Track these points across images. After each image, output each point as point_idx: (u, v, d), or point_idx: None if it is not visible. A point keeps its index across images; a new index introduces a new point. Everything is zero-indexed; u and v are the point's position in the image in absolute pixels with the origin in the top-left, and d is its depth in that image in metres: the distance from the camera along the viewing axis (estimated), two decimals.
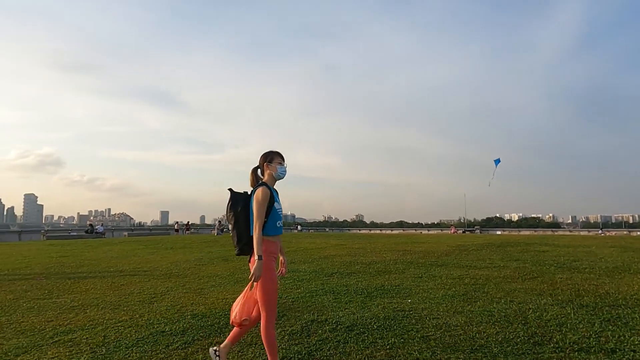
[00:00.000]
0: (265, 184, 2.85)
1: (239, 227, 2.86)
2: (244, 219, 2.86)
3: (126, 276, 7.56)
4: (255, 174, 3.01)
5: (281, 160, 2.99)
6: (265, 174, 2.96)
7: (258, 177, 3.00)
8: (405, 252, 11.44)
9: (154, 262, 9.74)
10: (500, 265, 8.34)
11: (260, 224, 2.72)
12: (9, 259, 11.26)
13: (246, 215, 2.86)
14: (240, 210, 2.87)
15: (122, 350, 3.41)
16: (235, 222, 2.86)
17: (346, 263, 8.99)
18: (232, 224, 2.88)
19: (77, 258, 11.09)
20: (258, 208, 2.73)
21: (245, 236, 2.84)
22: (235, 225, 2.87)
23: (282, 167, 2.97)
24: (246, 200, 2.91)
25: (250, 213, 2.83)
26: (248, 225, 2.84)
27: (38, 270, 8.73)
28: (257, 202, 2.74)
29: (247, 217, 2.85)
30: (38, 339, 3.77)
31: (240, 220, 2.85)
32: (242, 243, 2.85)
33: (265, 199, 2.76)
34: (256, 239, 2.69)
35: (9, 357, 3.33)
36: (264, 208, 2.75)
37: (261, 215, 2.73)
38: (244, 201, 2.90)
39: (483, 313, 4.38)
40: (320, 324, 4.03)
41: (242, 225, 2.85)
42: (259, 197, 2.75)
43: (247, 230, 2.84)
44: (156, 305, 5.03)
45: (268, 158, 2.97)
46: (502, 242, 15.73)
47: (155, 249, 13.81)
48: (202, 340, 3.64)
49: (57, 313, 4.75)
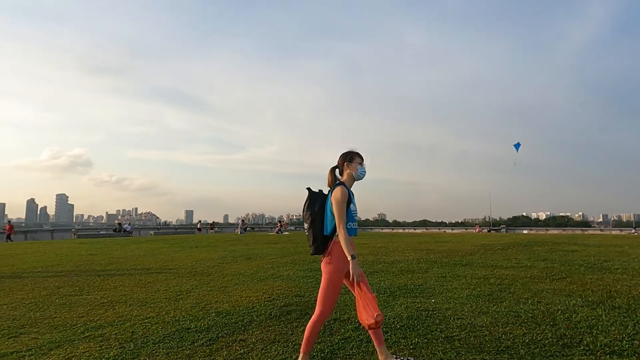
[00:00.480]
0: (342, 184, 2.82)
1: (315, 227, 2.82)
2: (320, 218, 2.83)
3: (153, 274, 7.74)
4: (334, 174, 2.97)
5: (361, 161, 2.95)
6: (345, 173, 2.93)
7: (336, 177, 2.97)
8: (429, 251, 11.30)
9: (179, 261, 9.93)
10: (527, 265, 8.14)
11: (344, 224, 2.68)
12: (42, 256, 11.71)
13: (322, 215, 2.83)
14: (317, 210, 2.84)
15: (150, 346, 3.49)
16: (312, 222, 2.83)
17: (369, 262, 8.95)
18: (309, 223, 2.85)
19: (106, 256, 11.43)
20: (339, 208, 2.70)
21: (320, 236, 2.80)
22: (311, 225, 2.83)
23: (362, 167, 2.94)
24: (323, 200, 2.88)
25: (326, 213, 2.81)
26: (323, 225, 2.81)
27: (69, 267, 9.04)
28: (337, 201, 2.71)
29: (323, 217, 2.82)
30: (70, 334, 3.90)
31: (317, 220, 2.82)
32: (317, 243, 2.81)
33: (344, 198, 2.73)
34: (344, 239, 2.65)
35: (43, 351, 3.46)
36: (344, 207, 2.72)
37: (343, 215, 2.69)
38: (320, 201, 2.87)
39: (509, 314, 4.29)
40: (342, 323, 4.03)
41: (318, 225, 2.82)
42: (338, 196, 2.72)
43: (322, 230, 2.81)
44: (182, 303, 5.13)
45: (348, 157, 2.94)
46: (528, 241, 15.34)
47: (181, 247, 14.09)
48: (226, 337, 3.69)
49: (87, 309, 4.91)
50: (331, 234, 2.78)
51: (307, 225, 2.86)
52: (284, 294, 5.44)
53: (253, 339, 3.60)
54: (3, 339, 3.82)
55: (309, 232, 2.85)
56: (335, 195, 2.74)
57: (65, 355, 3.33)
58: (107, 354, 3.32)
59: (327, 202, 2.82)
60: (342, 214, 2.69)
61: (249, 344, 3.49)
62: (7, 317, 4.63)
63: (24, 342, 3.71)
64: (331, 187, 2.89)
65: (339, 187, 2.78)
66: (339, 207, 2.70)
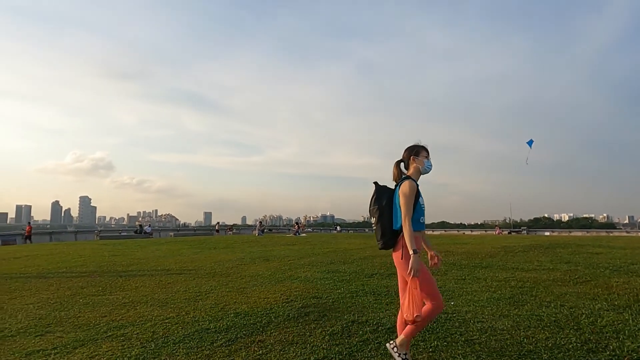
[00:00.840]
0: (410, 178, 2.81)
1: (383, 221, 2.82)
2: (388, 213, 2.82)
3: (173, 275, 7.86)
4: (399, 168, 2.96)
5: (427, 154, 2.94)
6: (411, 167, 2.92)
7: (402, 171, 2.95)
8: (448, 253, 11.15)
9: (199, 262, 10.05)
10: (549, 268, 7.95)
11: (410, 218, 2.67)
12: (66, 257, 12.01)
13: (390, 209, 2.82)
14: (385, 204, 2.83)
15: (170, 346, 3.55)
16: (380, 216, 2.82)
17: (386, 264, 8.88)
18: (376, 217, 2.84)
19: (128, 257, 11.65)
20: (407, 202, 2.69)
21: (389, 230, 2.80)
22: (379, 219, 2.83)
23: (428, 161, 2.92)
24: (390, 194, 2.87)
25: (394, 207, 2.79)
26: (392, 219, 2.81)
27: (92, 268, 9.25)
28: (405, 195, 2.71)
29: (391, 211, 2.82)
30: (93, 333, 3.99)
31: (385, 214, 2.82)
32: (386, 237, 2.81)
33: (412, 192, 2.72)
34: (408, 234, 2.65)
35: (68, 349, 3.55)
36: (412, 201, 2.71)
37: (410, 209, 2.69)
38: (388, 195, 2.86)
39: (531, 317, 4.20)
40: (361, 325, 4.02)
41: (386, 219, 2.81)
42: (407, 190, 2.71)
43: (390, 224, 2.80)
44: (201, 303, 5.19)
45: (414, 151, 2.92)
46: (551, 243, 14.99)
47: (200, 248, 14.25)
48: (245, 338, 3.72)
49: (110, 309, 5.02)
50: (401, 228, 2.75)
51: (375, 220, 2.85)
52: (302, 296, 5.45)
53: (271, 340, 3.62)
54: (30, 337, 3.94)
55: (376, 226, 2.84)
56: (403, 188, 2.73)
57: (89, 354, 3.41)
58: (129, 353, 3.39)
59: (395, 196, 2.79)
60: (409, 208, 2.68)
61: (267, 345, 3.51)
62: (33, 316, 4.77)
63: (50, 340, 3.82)
64: (397, 181, 2.87)
65: (407, 180, 2.76)
66: (406, 200, 2.69)
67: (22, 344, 3.72)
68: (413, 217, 2.72)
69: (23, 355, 3.43)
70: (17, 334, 4.04)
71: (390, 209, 2.82)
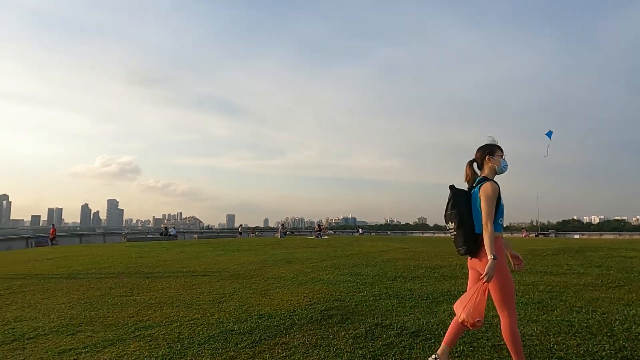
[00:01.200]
0: (489, 179, 2.73)
1: (464, 226, 2.70)
2: (468, 217, 2.71)
3: (197, 276, 7.98)
4: (472, 169, 2.86)
5: (502, 153, 2.83)
6: (486, 167, 2.81)
7: (475, 172, 2.86)
8: None
9: (222, 264, 10.18)
10: (579, 272, 7.69)
11: (492, 221, 2.57)
12: (95, 258, 12.37)
13: (470, 213, 2.71)
14: (464, 208, 2.73)
15: (195, 347, 3.60)
16: (460, 221, 2.71)
17: (409, 267, 8.79)
18: (456, 222, 2.72)
19: (154, 259, 11.90)
20: (489, 204, 2.60)
21: (471, 235, 2.69)
22: (459, 224, 2.70)
23: (504, 160, 2.82)
24: (468, 197, 2.77)
25: (474, 211, 2.71)
26: (473, 224, 2.69)
27: (120, 269, 9.50)
28: (487, 198, 2.61)
29: (471, 215, 2.71)
30: (122, 333, 4.09)
31: (465, 219, 2.70)
32: (470, 243, 2.69)
33: (495, 194, 2.63)
34: (489, 238, 2.55)
35: (98, 348, 3.66)
36: (494, 204, 2.62)
37: (492, 212, 2.59)
38: (466, 198, 2.76)
39: (561, 323, 4.07)
40: (384, 329, 3.98)
41: (467, 224, 2.70)
42: (490, 192, 2.62)
43: (472, 229, 2.69)
44: (225, 305, 5.25)
45: (488, 151, 2.82)
46: (580, 246, 14.53)
47: (223, 250, 14.43)
48: (268, 340, 3.74)
49: (137, 309, 5.13)
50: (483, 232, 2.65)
51: (454, 225, 2.73)
52: (325, 298, 5.45)
53: (295, 343, 3.63)
54: (62, 335, 4.07)
55: (457, 232, 2.72)
56: (486, 190, 2.63)
57: (118, 353, 3.50)
58: (157, 353, 3.46)
59: (475, 200, 2.70)
60: (491, 211, 2.58)
61: (290, 347, 3.52)
62: (65, 315, 4.93)
63: (80, 339, 3.94)
64: (470, 182, 2.79)
65: (489, 182, 2.67)
66: (489, 202, 2.59)
67: (55, 343, 3.85)
68: (495, 218, 2.63)
69: (56, 353, 3.55)
70: (50, 333, 4.19)
71: (470, 213, 2.71)
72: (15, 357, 3.50)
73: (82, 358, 3.42)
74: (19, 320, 4.78)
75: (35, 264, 11.28)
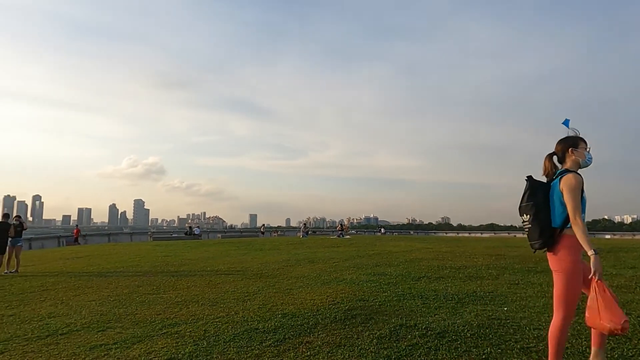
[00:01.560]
0: (572, 171, 2.61)
1: (540, 219, 2.60)
2: (545, 209, 2.62)
3: (221, 275, 8.09)
4: (552, 162, 2.75)
5: (586, 146, 2.71)
6: (568, 160, 2.69)
7: (555, 165, 2.75)
8: (499, 257, 10.72)
9: (246, 263, 10.29)
10: (611, 273, 7.43)
11: (580, 213, 2.47)
12: (123, 257, 12.71)
13: (547, 206, 2.62)
14: (542, 200, 2.63)
15: (221, 345, 3.65)
16: (536, 213, 2.61)
17: (434, 267, 8.67)
18: (532, 215, 2.63)
19: (179, 258, 12.14)
20: (574, 196, 2.49)
21: (547, 228, 2.59)
22: (535, 217, 2.61)
23: (589, 153, 2.70)
24: (546, 189, 2.67)
25: (552, 203, 2.62)
26: (549, 216, 2.61)
27: (147, 268, 9.73)
28: (571, 189, 2.50)
29: (548, 208, 2.62)
30: (149, 330, 4.19)
31: (542, 211, 2.61)
32: (545, 236, 2.58)
33: (579, 185, 2.53)
34: (582, 232, 2.43)
35: (127, 344, 3.75)
36: (579, 196, 2.51)
37: (579, 204, 2.48)
38: (544, 190, 2.66)
39: None
40: (409, 329, 3.94)
41: (543, 216, 2.61)
42: (573, 183, 2.51)
43: (549, 222, 2.60)
44: (249, 304, 5.31)
45: (571, 143, 2.70)
46: (612, 247, 14.02)
47: (247, 250, 14.58)
48: (292, 339, 3.75)
49: (164, 307, 5.24)
50: (561, 226, 2.57)
51: (529, 217, 2.64)
52: (348, 298, 5.43)
53: (319, 342, 3.63)
54: (93, 332, 4.20)
55: (532, 224, 2.63)
56: (568, 182, 2.52)
57: (146, 350, 3.58)
58: (183, 350, 3.52)
59: (554, 192, 2.61)
60: (577, 204, 2.47)
61: (315, 346, 3.53)
62: (95, 312, 5.08)
63: (110, 335, 4.05)
64: (550, 176, 2.70)
65: (571, 173, 2.56)
66: (574, 194, 2.48)
67: (86, 339, 3.97)
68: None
69: (87, 349, 3.66)
70: (82, 329, 4.32)
71: (547, 206, 2.61)
72: (49, 352, 3.63)
73: (112, 354, 3.52)
74: (52, 316, 4.96)
75: (67, 262, 11.68)
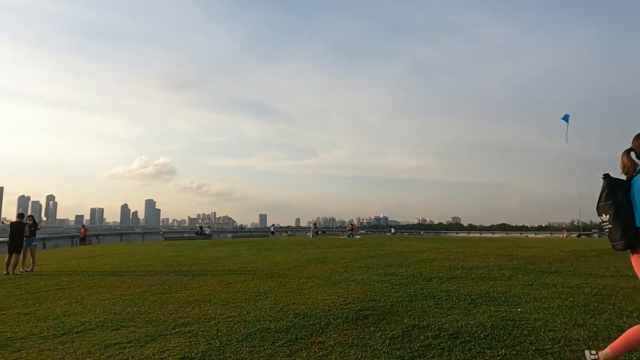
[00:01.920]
0: None
1: (621, 218, 2.51)
2: (627, 208, 2.51)
3: (233, 275, 8.13)
4: (630, 158, 2.65)
5: None
6: None
7: (634, 162, 2.65)
8: (511, 257, 10.61)
9: (257, 262, 10.33)
10: (628, 275, 7.30)
11: None
12: (135, 257, 12.84)
13: (628, 204, 2.52)
14: (622, 198, 2.53)
15: (234, 344, 3.66)
16: (616, 213, 2.52)
17: (445, 267, 8.61)
18: (612, 214, 2.53)
19: (190, 257, 12.22)
20: None
21: (631, 228, 2.49)
22: (616, 216, 2.52)
23: None
24: (627, 187, 2.57)
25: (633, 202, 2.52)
26: (632, 215, 2.50)
27: (159, 267, 9.81)
28: None
29: (629, 207, 2.51)
30: (162, 329, 4.22)
31: (624, 210, 2.51)
32: (628, 236, 2.49)
33: None
34: None
35: (141, 343, 3.78)
36: None
37: None
38: (624, 189, 2.56)
39: (610, 328, 3.87)
40: (422, 330, 3.91)
41: (625, 215, 2.50)
42: None
43: (632, 221, 2.49)
44: (261, 303, 5.32)
45: None
46: None
47: (257, 249, 14.64)
48: (305, 339, 3.75)
49: (176, 306, 5.28)
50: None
51: (609, 217, 2.55)
52: (359, 298, 5.42)
53: (331, 342, 3.63)
54: (107, 330, 4.25)
55: (613, 224, 2.53)
56: None
57: (159, 348, 3.61)
58: (196, 349, 3.54)
59: (635, 189, 2.51)
60: None
61: (327, 346, 3.52)
62: (109, 311, 5.14)
63: (124, 334, 4.09)
64: (630, 173, 2.62)
65: None
66: None
67: (101, 337, 4.02)
68: None
69: (102, 347, 3.70)
70: (97, 328, 4.37)
71: (628, 204, 2.51)
72: (65, 350, 3.67)
73: (126, 352, 3.55)
74: (67, 315, 5.03)
75: (81, 262, 11.83)
